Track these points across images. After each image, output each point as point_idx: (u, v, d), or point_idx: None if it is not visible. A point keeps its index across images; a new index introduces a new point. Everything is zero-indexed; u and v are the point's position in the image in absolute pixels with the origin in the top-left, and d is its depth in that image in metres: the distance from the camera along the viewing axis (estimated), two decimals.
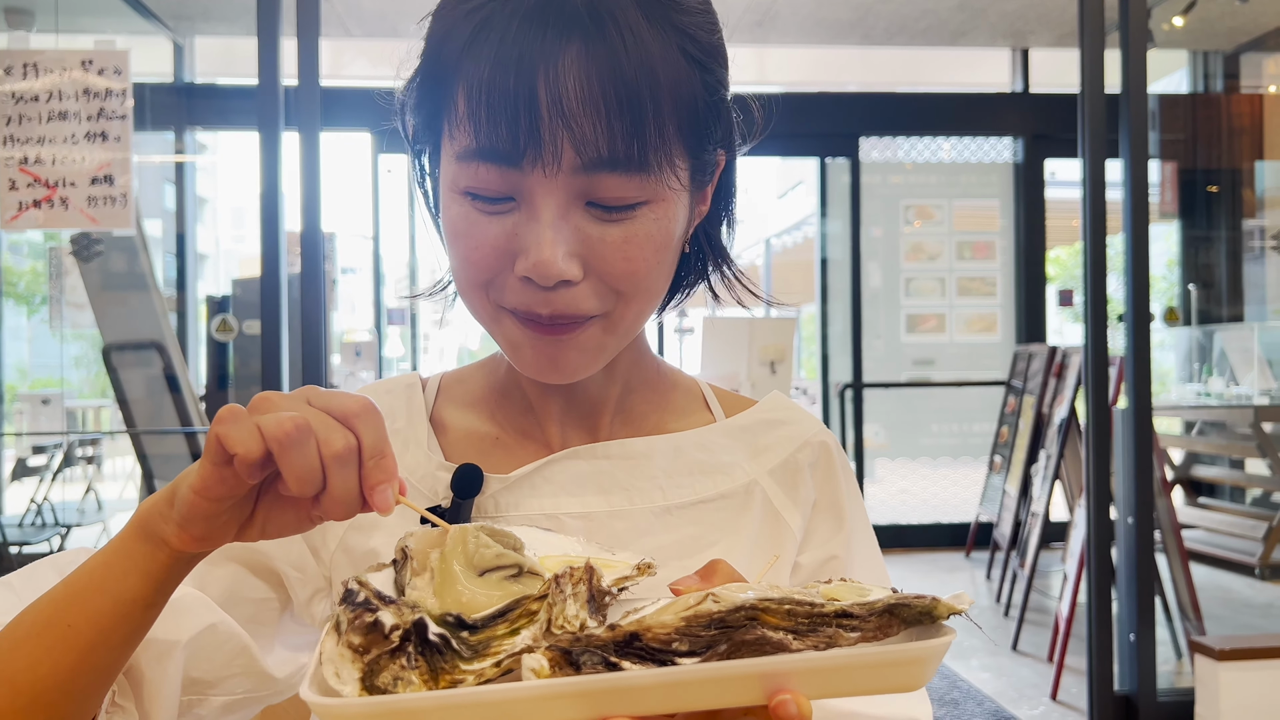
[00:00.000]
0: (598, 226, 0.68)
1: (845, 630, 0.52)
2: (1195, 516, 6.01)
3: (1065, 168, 7.59)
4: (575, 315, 0.69)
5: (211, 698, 0.75)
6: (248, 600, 0.78)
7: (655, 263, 0.70)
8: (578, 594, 0.55)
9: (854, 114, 6.63)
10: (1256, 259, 6.30)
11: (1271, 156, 6.34)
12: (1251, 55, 6.40)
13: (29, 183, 2.81)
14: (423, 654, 0.51)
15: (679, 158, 0.69)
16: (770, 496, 0.81)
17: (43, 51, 2.83)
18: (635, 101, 0.64)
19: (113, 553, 0.61)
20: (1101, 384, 3.19)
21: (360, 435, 0.56)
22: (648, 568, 0.62)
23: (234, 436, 0.54)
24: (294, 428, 0.54)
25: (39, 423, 5.74)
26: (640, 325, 0.74)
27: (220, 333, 4.29)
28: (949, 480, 6.84)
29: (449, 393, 0.85)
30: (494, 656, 0.53)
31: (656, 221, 0.69)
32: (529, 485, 0.77)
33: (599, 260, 0.68)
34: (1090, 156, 3.13)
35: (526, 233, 0.67)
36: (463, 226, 0.69)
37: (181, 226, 5.46)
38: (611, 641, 0.50)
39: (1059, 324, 9.44)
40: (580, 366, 0.72)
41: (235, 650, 0.75)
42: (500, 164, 0.66)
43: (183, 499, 0.57)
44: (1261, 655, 2.98)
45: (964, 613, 0.54)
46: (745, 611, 0.51)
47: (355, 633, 0.51)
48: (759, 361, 4.21)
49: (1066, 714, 3.57)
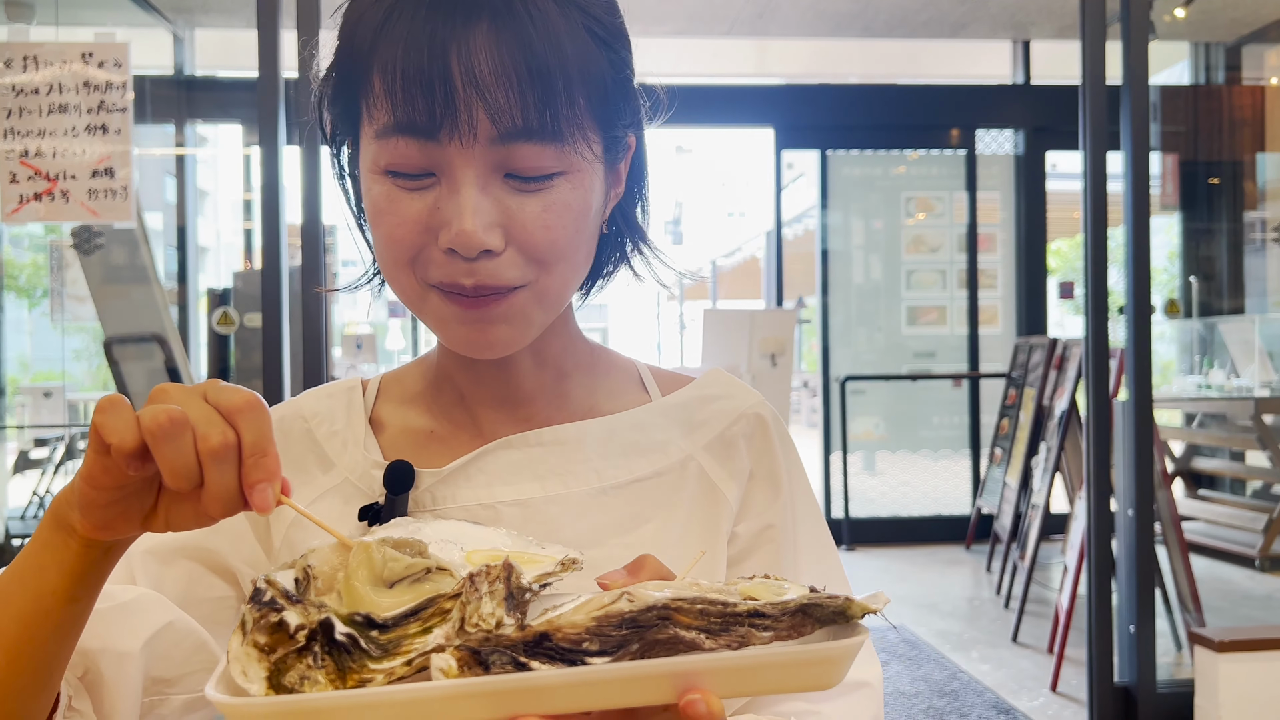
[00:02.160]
0: (516, 197, 0.69)
1: (758, 630, 0.52)
2: (1195, 508, 6.02)
3: (1066, 160, 7.58)
4: (498, 285, 0.70)
5: (172, 696, 0.75)
6: (205, 600, 0.79)
7: (574, 231, 0.72)
8: (494, 592, 0.54)
9: (857, 106, 6.62)
10: (1257, 251, 6.30)
11: (1273, 148, 6.33)
12: (1253, 47, 6.38)
13: (29, 175, 2.81)
14: (330, 653, 0.51)
15: (591, 131, 0.71)
16: (706, 470, 0.82)
17: (43, 44, 2.82)
18: (546, 73, 0.67)
19: (32, 546, 0.60)
20: (1102, 376, 3.19)
21: (241, 432, 0.55)
22: (572, 563, 0.62)
23: (109, 426, 0.54)
24: (168, 420, 0.53)
25: (41, 415, 5.75)
26: (565, 297, 0.75)
27: (221, 325, 4.30)
28: (950, 473, 6.84)
29: (388, 392, 0.87)
30: (405, 655, 0.53)
31: (573, 191, 0.71)
32: (464, 476, 0.78)
33: (519, 230, 0.69)
34: (1091, 148, 3.13)
35: (448, 205, 0.69)
36: (385, 205, 0.70)
37: (182, 219, 5.46)
38: (521, 641, 0.50)
39: (1060, 316, 9.44)
40: (509, 339, 0.73)
41: (194, 647, 0.75)
42: (418, 137, 0.68)
43: (76, 487, 0.58)
44: (1261, 647, 2.98)
45: (878, 612, 0.54)
46: (657, 611, 0.51)
47: (261, 631, 0.51)
48: (759, 354, 4.21)
49: (1066, 705, 3.58)
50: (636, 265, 0.84)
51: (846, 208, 6.64)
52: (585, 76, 0.70)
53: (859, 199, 6.65)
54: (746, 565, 0.82)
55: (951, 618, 4.73)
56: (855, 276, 6.67)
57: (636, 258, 0.84)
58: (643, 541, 0.78)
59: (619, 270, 0.85)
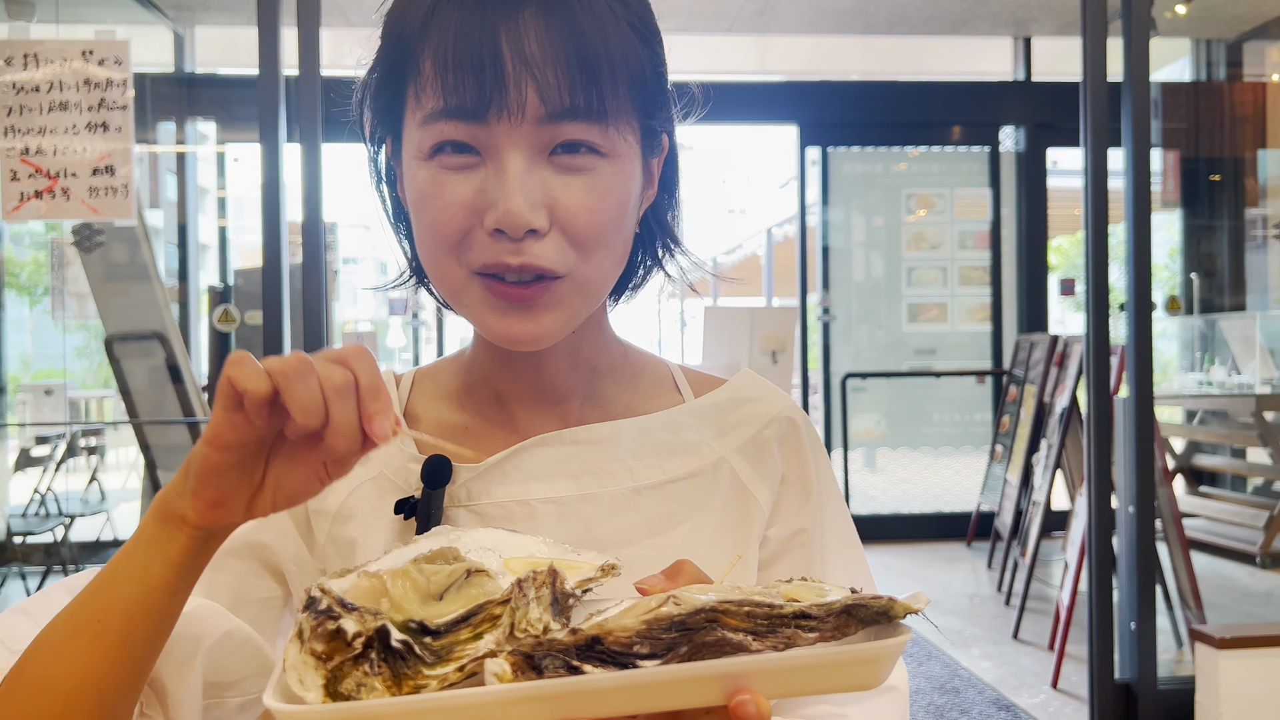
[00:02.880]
0: (561, 178, 0.70)
1: (804, 631, 0.53)
2: (1196, 505, 6.02)
3: (1067, 156, 7.57)
4: (542, 268, 0.70)
5: (229, 699, 0.76)
6: (253, 601, 0.80)
7: (616, 217, 0.73)
8: (541, 597, 0.55)
9: (857, 103, 6.61)
10: (1258, 248, 6.29)
11: (1274, 145, 6.32)
12: (1254, 43, 6.38)
13: (30, 173, 2.81)
14: (386, 660, 0.52)
15: (631, 117, 0.73)
16: (738, 472, 0.82)
17: (43, 42, 2.82)
18: (593, 57, 0.69)
19: (135, 542, 0.62)
20: (1103, 373, 3.19)
21: (357, 372, 0.59)
22: (611, 569, 0.63)
23: (242, 374, 0.57)
24: (297, 361, 0.58)
25: (42, 413, 5.75)
26: (603, 289, 0.76)
27: (222, 323, 4.30)
28: (951, 470, 6.85)
29: (421, 387, 0.87)
30: (457, 661, 0.54)
31: (615, 175, 0.72)
32: (499, 473, 0.79)
33: (564, 211, 0.70)
34: (1092, 145, 3.13)
35: (494, 186, 0.69)
36: (430, 189, 0.71)
37: (183, 217, 5.46)
38: (573, 645, 0.51)
39: (1061, 313, 9.44)
40: (549, 330, 0.73)
41: (250, 653, 0.77)
42: (466, 120, 0.69)
43: (195, 457, 0.60)
44: (1262, 644, 2.98)
45: (920, 612, 0.55)
46: (705, 614, 0.52)
47: (318, 640, 0.51)
48: (760, 351, 4.21)
49: (1067, 702, 3.59)
50: (670, 268, 0.85)
51: (847, 205, 6.63)
52: (628, 66, 0.71)
53: (860, 196, 6.65)
54: (776, 569, 0.83)
55: (952, 615, 4.73)
56: (856, 273, 6.66)
57: (669, 261, 0.85)
58: (675, 542, 0.79)
59: (651, 274, 0.85)
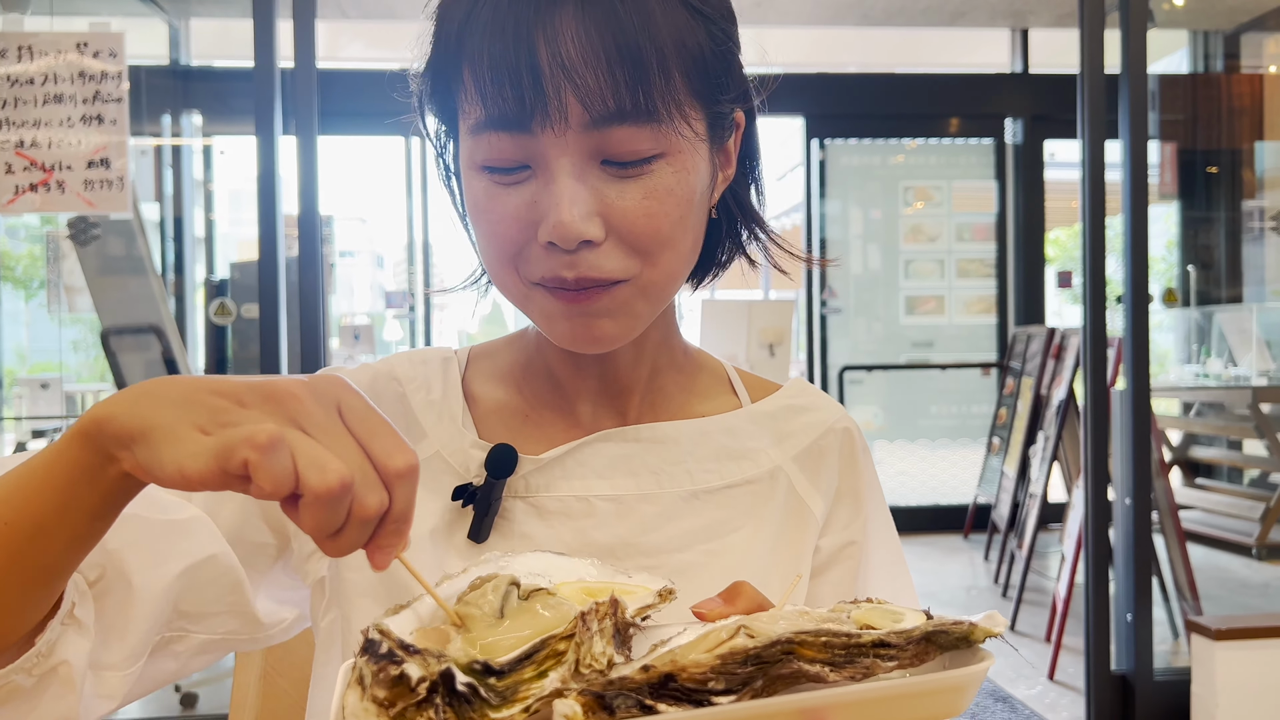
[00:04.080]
0: (615, 185, 0.67)
1: (882, 660, 0.52)
2: (1193, 497, 6.03)
3: (1065, 148, 7.57)
4: (600, 278, 0.68)
5: (192, 633, 0.73)
6: (248, 542, 0.77)
7: (678, 217, 0.69)
8: (604, 629, 0.53)
9: (854, 95, 6.60)
10: (1256, 240, 6.30)
11: (1271, 137, 6.31)
12: (1252, 35, 6.37)
13: (25, 166, 2.80)
14: (451, 705, 0.49)
15: (690, 107, 0.69)
16: (794, 482, 0.82)
17: (38, 34, 2.81)
18: (636, 51, 0.64)
19: (57, 456, 0.55)
20: (1100, 365, 3.19)
21: (394, 499, 0.51)
22: (669, 594, 0.61)
23: (266, 471, 0.48)
24: (340, 488, 0.48)
25: (38, 407, 5.74)
26: (672, 289, 0.73)
27: (219, 317, 4.29)
28: (948, 462, 6.85)
29: (478, 365, 0.85)
30: (523, 701, 0.51)
31: (675, 174, 0.68)
32: (560, 467, 0.77)
33: (619, 218, 0.67)
34: (1090, 137, 3.12)
35: (544, 198, 0.67)
36: (484, 202, 0.69)
37: (179, 210, 5.45)
38: (646, 683, 0.49)
39: (1058, 305, 9.44)
40: (614, 334, 0.72)
41: (229, 586, 0.74)
42: (511, 130, 0.66)
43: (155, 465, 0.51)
44: (1258, 635, 2.99)
45: (1000, 635, 0.54)
46: (781, 645, 0.50)
47: (380, 686, 0.48)
48: (758, 344, 4.21)
49: (1064, 693, 3.59)
50: (752, 252, 0.82)
51: (845, 197, 6.63)
52: (681, 50, 0.67)
53: (857, 188, 6.64)
54: (824, 579, 0.83)
55: (949, 607, 4.74)
56: (853, 266, 6.66)
57: (752, 244, 0.82)
58: (730, 549, 0.78)
59: (733, 259, 0.82)
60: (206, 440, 0.50)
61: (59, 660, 0.63)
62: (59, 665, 0.63)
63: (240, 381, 0.53)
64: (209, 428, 0.51)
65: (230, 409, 0.51)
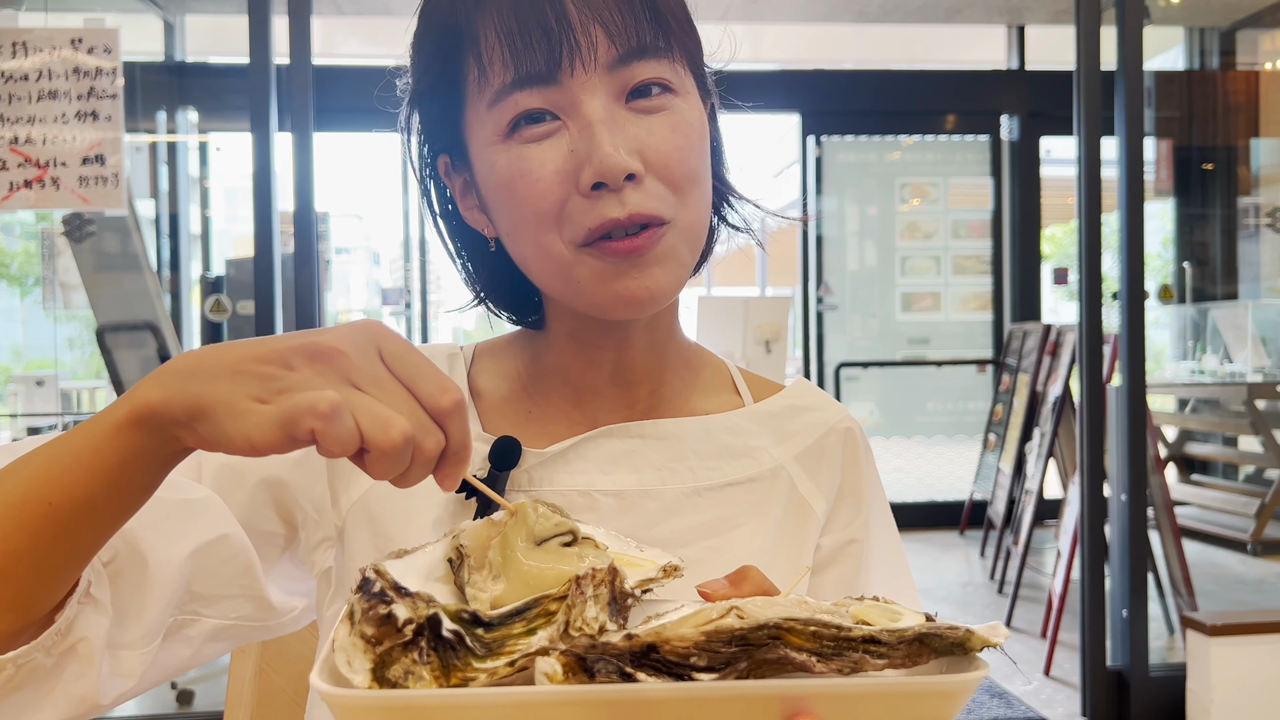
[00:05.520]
0: (645, 121, 0.70)
1: (872, 656, 0.51)
2: (1188, 493, 6.04)
3: (1061, 145, 7.57)
4: (649, 214, 0.69)
5: (204, 616, 0.73)
6: (256, 531, 0.78)
7: (703, 152, 0.73)
8: (599, 596, 0.54)
9: (851, 91, 6.60)
10: (1251, 236, 6.30)
11: (1267, 134, 6.32)
12: (1247, 32, 6.37)
13: (20, 163, 2.79)
14: (435, 649, 0.51)
15: (688, 60, 0.74)
16: (796, 481, 0.82)
17: (32, 30, 2.80)
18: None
19: (107, 442, 0.56)
20: (1096, 362, 3.19)
21: (449, 434, 0.54)
22: (674, 570, 0.61)
23: (333, 437, 0.50)
24: (403, 442, 0.51)
25: (34, 404, 5.72)
26: (703, 233, 0.75)
27: (214, 313, 4.28)
28: (944, 459, 6.86)
29: (483, 362, 0.86)
30: (508, 655, 0.52)
31: (692, 110, 0.73)
32: (563, 461, 0.78)
33: (654, 154, 0.70)
34: (1086, 134, 3.13)
35: (582, 144, 0.68)
36: (518, 166, 0.70)
37: (174, 206, 5.43)
38: (628, 651, 0.49)
39: (1054, 302, 9.45)
40: (668, 284, 0.72)
41: (241, 568, 0.74)
42: (540, 85, 0.68)
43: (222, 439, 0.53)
44: (1253, 631, 3.00)
45: (999, 646, 0.52)
46: (769, 630, 0.50)
47: (368, 623, 0.50)
48: (754, 341, 4.21)
49: (1059, 689, 3.60)
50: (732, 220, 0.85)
51: (841, 194, 6.63)
52: (679, 13, 0.73)
53: (854, 185, 6.64)
54: (825, 577, 0.84)
55: (945, 603, 4.75)
56: (850, 263, 6.66)
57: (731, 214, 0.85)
58: (732, 545, 0.78)
59: (718, 232, 0.85)
60: (268, 410, 0.52)
61: (78, 638, 0.63)
62: (78, 643, 0.63)
63: (281, 342, 0.54)
64: (266, 396, 0.52)
65: (281, 375, 0.53)
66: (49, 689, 0.63)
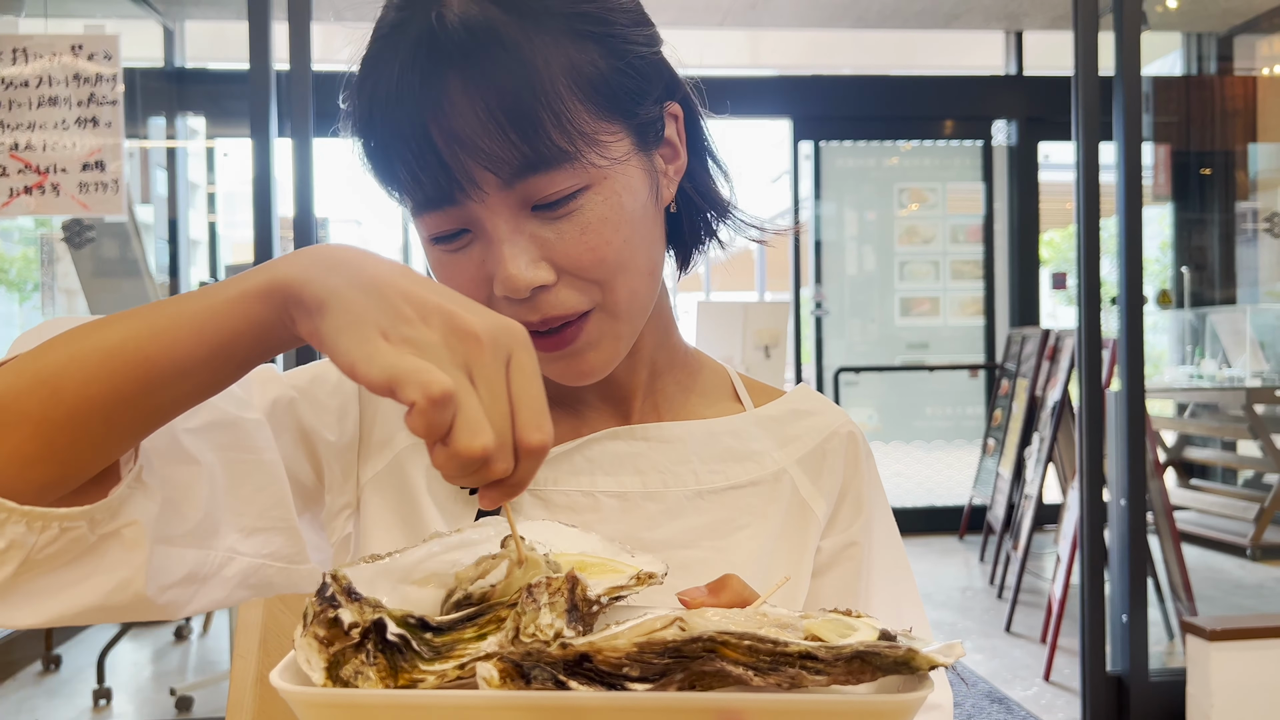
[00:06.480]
0: (552, 227, 0.69)
1: (810, 673, 0.50)
2: (1187, 498, 6.04)
3: (1059, 150, 7.58)
4: (565, 314, 0.70)
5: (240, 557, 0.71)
6: (292, 476, 0.77)
7: (620, 242, 0.71)
8: (555, 604, 0.55)
9: (849, 97, 6.61)
10: (1249, 241, 6.31)
11: (1265, 139, 6.34)
12: (1245, 37, 6.39)
13: (20, 169, 2.80)
14: (382, 651, 0.53)
15: (604, 132, 0.69)
16: (798, 485, 0.83)
17: (32, 36, 2.81)
18: (523, 105, 0.66)
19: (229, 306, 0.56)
20: (1094, 366, 3.20)
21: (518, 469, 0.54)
22: (649, 577, 0.61)
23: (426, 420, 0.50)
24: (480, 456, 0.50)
25: None
26: (644, 302, 0.75)
27: None
28: (943, 464, 6.86)
29: None
30: (458, 659, 0.54)
31: (605, 202, 0.70)
32: (568, 462, 0.79)
33: (564, 258, 0.70)
34: (1084, 139, 3.13)
35: (490, 257, 0.70)
36: (441, 272, 0.73)
37: (174, 212, 5.44)
38: (561, 659, 0.50)
39: (1052, 307, 9.46)
40: (602, 362, 0.74)
41: (275, 499, 0.73)
42: (438, 208, 0.69)
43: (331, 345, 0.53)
44: (1252, 635, 3.00)
45: (950, 666, 0.51)
46: (703, 643, 0.50)
47: (320, 625, 0.53)
48: (753, 346, 4.21)
49: (1059, 694, 3.60)
50: (722, 233, 0.84)
51: (840, 199, 6.64)
52: (575, 82, 0.68)
53: (852, 190, 6.65)
54: (826, 579, 0.84)
55: (945, 608, 4.74)
56: (848, 268, 6.67)
57: (722, 227, 0.84)
58: (734, 547, 0.79)
59: (708, 242, 0.84)
60: (385, 352, 0.51)
61: (127, 520, 0.61)
62: (124, 527, 0.61)
63: (431, 294, 0.53)
64: (390, 334, 0.52)
65: (415, 325, 0.52)
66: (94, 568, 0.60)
